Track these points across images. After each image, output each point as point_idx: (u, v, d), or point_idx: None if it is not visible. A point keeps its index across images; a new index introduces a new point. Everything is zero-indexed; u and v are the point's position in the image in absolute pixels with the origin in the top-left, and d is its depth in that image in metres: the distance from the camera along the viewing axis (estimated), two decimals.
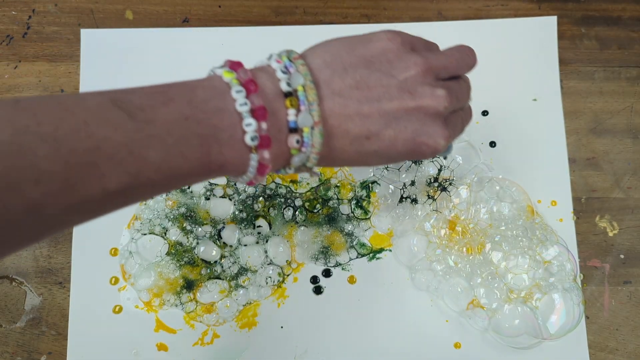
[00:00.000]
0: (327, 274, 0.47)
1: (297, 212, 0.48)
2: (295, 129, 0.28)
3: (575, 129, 0.50)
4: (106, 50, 0.51)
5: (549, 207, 0.48)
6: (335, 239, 0.47)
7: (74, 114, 0.23)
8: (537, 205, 0.48)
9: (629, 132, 0.50)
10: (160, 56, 0.50)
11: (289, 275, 0.47)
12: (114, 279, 0.46)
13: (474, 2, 0.52)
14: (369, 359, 0.45)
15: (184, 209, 0.47)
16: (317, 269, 0.47)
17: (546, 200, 0.48)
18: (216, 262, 0.46)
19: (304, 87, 0.28)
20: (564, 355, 0.45)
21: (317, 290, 0.46)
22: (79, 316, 0.46)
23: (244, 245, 0.47)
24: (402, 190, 0.48)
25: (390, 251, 0.47)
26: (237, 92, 0.27)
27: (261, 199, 0.48)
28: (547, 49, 0.51)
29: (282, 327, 0.46)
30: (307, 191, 0.48)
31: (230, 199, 0.48)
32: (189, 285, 0.46)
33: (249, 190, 0.48)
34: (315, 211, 0.48)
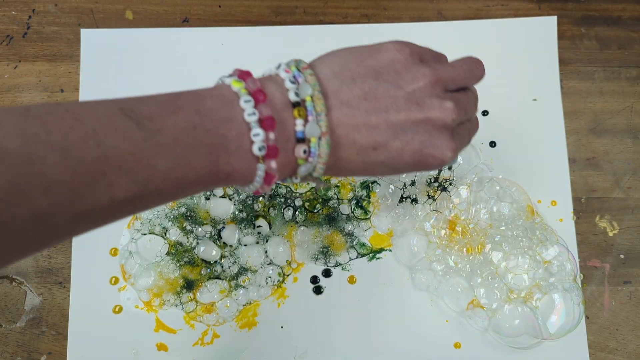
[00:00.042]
0: (327, 274, 0.47)
1: (297, 212, 0.48)
2: (302, 139, 0.28)
3: (575, 129, 0.50)
4: (106, 50, 0.51)
5: (549, 207, 0.48)
6: (335, 239, 0.47)
7: (83, 122, 0.23)
8: (537, 205, 0.48)
9: (629, 132, 0.50)
10: (160, 56, 0.50)
11: (289, 275, 0.47)
12: (114, 279, 0.46)
13: (474, 2, 0.52)
14: (369, 359, 0.45)
15: (184, 209, 0.47)
16: (317, 269, 0.47)
17: (546, 200, 0.48)
18: (216, 262, 0.46)
19: (312, 97, 0.28)
20: (564, 355, 0.45)
21: (317, 290, 0.46)
22: (79, 316, 0.46)
23: (244, 245, 0.47)
24: (402, 190, 0.48)
25: (390, 251, 0.47)
26: (246, 101, 0.27)
27: (261, 199, 0.48)
28: (547, 49, 0.51)
29: (282, 327, 0.46)
30: (307, 191, 0.48)
31: (230, 199, 0.48)
32: (189, 285, 0.46)
33: None
34: (315, 211, 0.48)
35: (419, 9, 0.52)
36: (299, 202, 0.48)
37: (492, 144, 0.49)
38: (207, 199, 0.48)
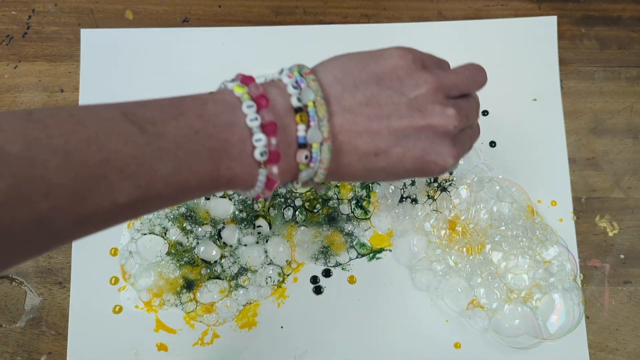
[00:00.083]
0: (327, 274, 0.47)
1: (297, 212, 0.48)
2: (304, 145, 0.28)
3: (575, 129, 0.50)
4: (106, 50, 0.51)
5: (549, 207, 0.48)
6: (335, 239, 0.47)
7: (86, 126, 0.23)
8: (537, 205, 0.48)
9: (629, 132, 0.50)
10: (160, 56, 0.50)
11: (289, 275, 0.47)
12: (114, 279, 0.46)
13: (474, 2, 0.52)
14: (369, 359, 0.45)
15: (183, 209, 0.47)
16: (317, 269, 0.47)
17: (546, 200, 0.48)
18: (216, 262, 0.46)
19: (314, 103, 0.28)
20: (564, 355, 0.45)
21: (317, 290, 0.46)
22: (79, 316, 0.46)
23: (244, 245, 0.47)
24: (402, 190, 0.48)
25: (390, 251, 0.47)
26: (248, 106, 0.27)
27: (261, 198, 0.48)
28: (547, 49, 0.51)
29: (282, 327, 0.46)
30: (307, 191, 0.48)
31: (230, 199, 0.48)
32: (189, 285, 0.46)
33: None
34: (315, 211, 0.48)
35: (419, 9, 0.52)
36: (299, 202, 0.48)
37: (492, 144, 0.49)
38: (207, 199, 0.48)
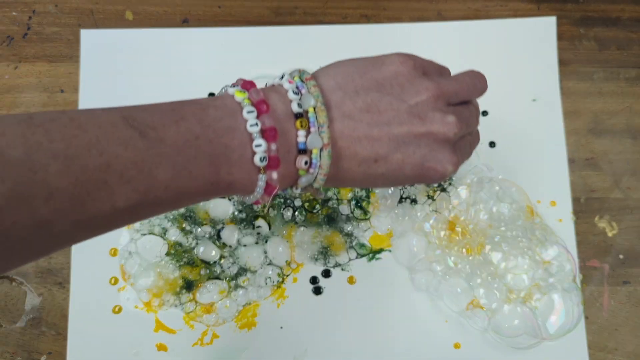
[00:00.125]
0: (326, 274, 0.47)
1: (296, 213, 0.48)
2: (304, 150, 0.28)
3: (574, 129, 0.50)
4: (106, 50, 0.51)
5: (549, 208, 0.48)
6: (334, 239, 0.47)
7: (86, 131, 0.23)
8: (537, 205, 0.48)
9: (628, 133, 0.50)
10: (160, 56, 0.51)
11: (288, 275, 0.47)
12: (113, 279, 0.46)
13: (473, 2, 0.52)
14: (368, 359, 0.45)
15: (183, 210, 0.47)
16: (317, 270, 0.47)
17: (546, 200, 0.48)
18: (215, 262, 0.47)
19: (314, 108, 0.28)
20: (563, 355, 0.45)
21: (317, 290, 0.46)
22: (79, 316, 0.46)
23: (244, 245, 0.47)
24: (402, 190, 0.48)
25: (389, 252, 0.47)
26: (249, 112, 0.27)
27: (260, 204, 0.48)
28: (547, 49, 0.51)
29: (281, 327, 0.46)
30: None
31: (229, 199, 0.48)
32: (189, 285, 0.46)
33: None
34: (314, 211, 0.48)
35: (418, 10, 0.52)
36: (298, 203, 0.48)
37: (492, 144, 0.49)
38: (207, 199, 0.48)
